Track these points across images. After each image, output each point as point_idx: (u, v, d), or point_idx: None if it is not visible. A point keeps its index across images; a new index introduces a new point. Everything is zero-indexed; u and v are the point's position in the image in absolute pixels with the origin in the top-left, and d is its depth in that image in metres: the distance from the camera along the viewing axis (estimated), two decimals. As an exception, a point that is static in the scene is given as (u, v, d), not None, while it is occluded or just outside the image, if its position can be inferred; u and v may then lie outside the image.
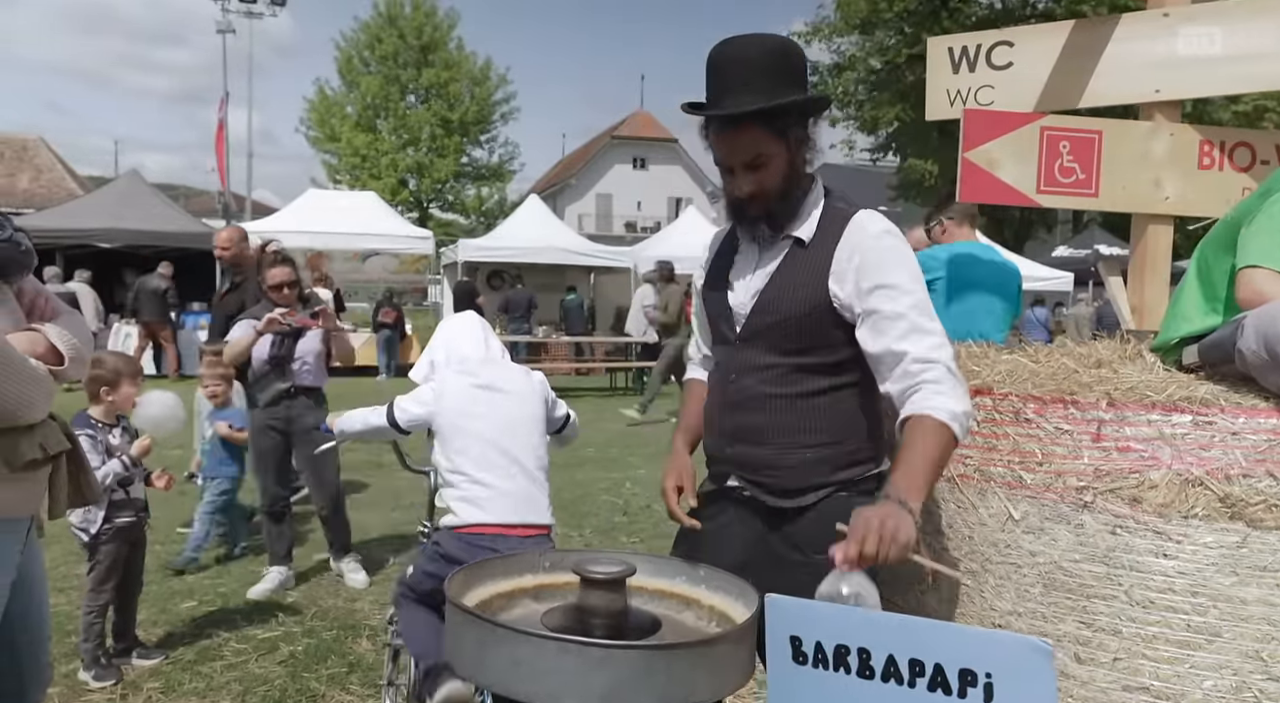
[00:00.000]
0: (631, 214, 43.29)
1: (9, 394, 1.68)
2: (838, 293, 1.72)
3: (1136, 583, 1.69)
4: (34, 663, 2.02)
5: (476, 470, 2.42)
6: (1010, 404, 1.86)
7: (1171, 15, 2.29)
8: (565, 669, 1.45)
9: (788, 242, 1.79)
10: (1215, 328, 1.92)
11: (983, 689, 1.01)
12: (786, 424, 1.79)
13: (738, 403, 1.83)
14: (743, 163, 1.70)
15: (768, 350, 1.79)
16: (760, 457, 1.82)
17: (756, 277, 1.81)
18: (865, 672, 1.09)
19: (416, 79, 30.47)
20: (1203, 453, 1.67)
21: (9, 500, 1.79)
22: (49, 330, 1.85)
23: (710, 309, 1.92)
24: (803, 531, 1.79)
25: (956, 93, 2.47)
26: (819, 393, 1.79)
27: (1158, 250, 2.35)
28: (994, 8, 28.39)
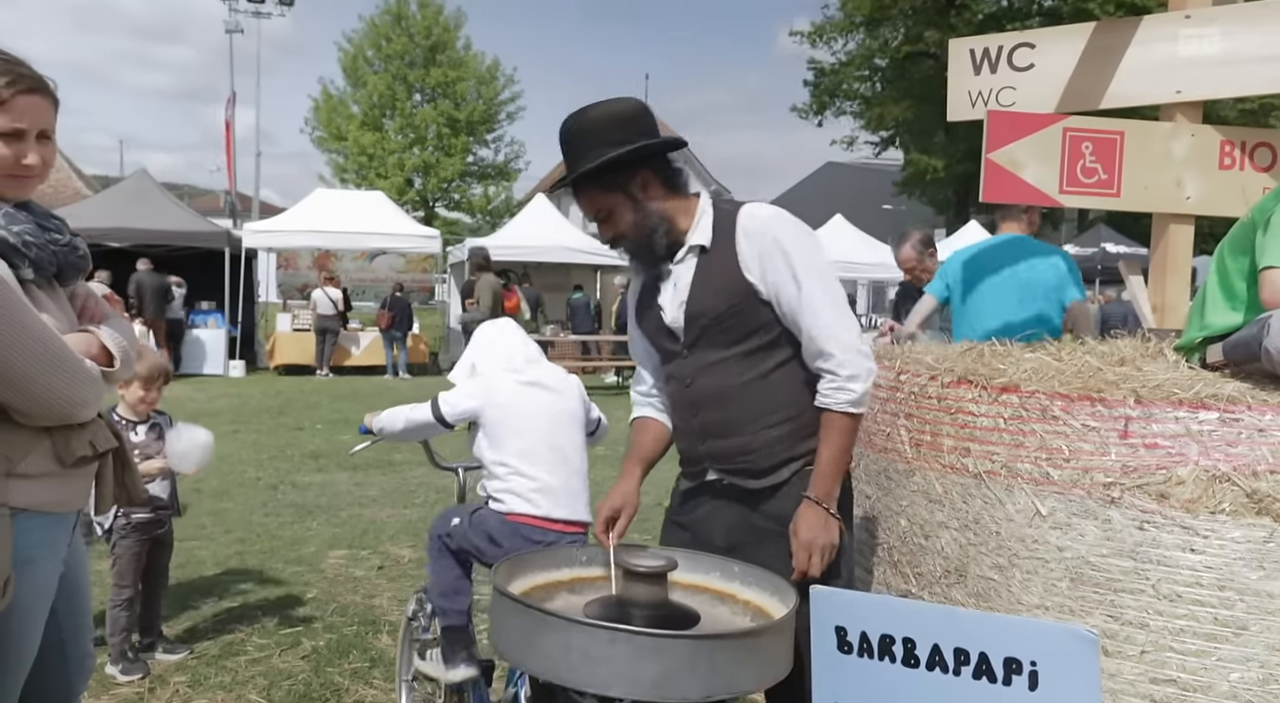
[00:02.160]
0: (636, 213, 43.26)
1: (66, 393, 1.71)
2: (753, 280, 1.90)
3: (1164, 577, 1.72)
4: (79, 653, 2.06)
5: (525, 464, 2.48)
6: (1037, 402, 1.89)
7: (1194, 17, 2.31)
8: (616, 658, 1.49)
9: (692, 252, 1.97)
10: (1237, 327, 1.94)
11: (1027, 678, 1.04)
12: (748, 409, 1.93)
13: (698, 402, 1.97)
14: (593, 217, 1.97)
15: (712, 348, 1.94)
16: (732, 445, 1.95)
17: (678, 290, 1.97)
18: (910, 661, 1.12)
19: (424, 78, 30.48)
20: (1230, 449, 1.70)
21: (60, 496, 1.83)
22: (102, 332, 1.89)
23: (649, 333, 2.08)
24: (780, 505, 1.92)
25: (978, 94, 2.50)
26: (768, 372, 1.94)
27: (1179, 250, 2.38)
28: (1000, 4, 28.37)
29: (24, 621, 1.78)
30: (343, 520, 6.00)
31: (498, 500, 2.50)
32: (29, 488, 1.74)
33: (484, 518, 2.51)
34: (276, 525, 5.82)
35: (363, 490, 6.94)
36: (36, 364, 1.67)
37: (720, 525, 1.98)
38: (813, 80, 29.85)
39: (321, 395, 12.81)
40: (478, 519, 2.53)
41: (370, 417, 2.77)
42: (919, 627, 1.12)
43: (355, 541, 5.49)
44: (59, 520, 1.87)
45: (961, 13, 27.53)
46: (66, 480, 1.84)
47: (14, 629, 1.75)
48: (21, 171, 1.73)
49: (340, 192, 22.70)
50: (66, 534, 1.91)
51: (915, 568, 2.10)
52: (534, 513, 2.46)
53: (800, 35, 29.65)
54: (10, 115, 1.69)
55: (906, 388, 2.22)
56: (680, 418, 2.05)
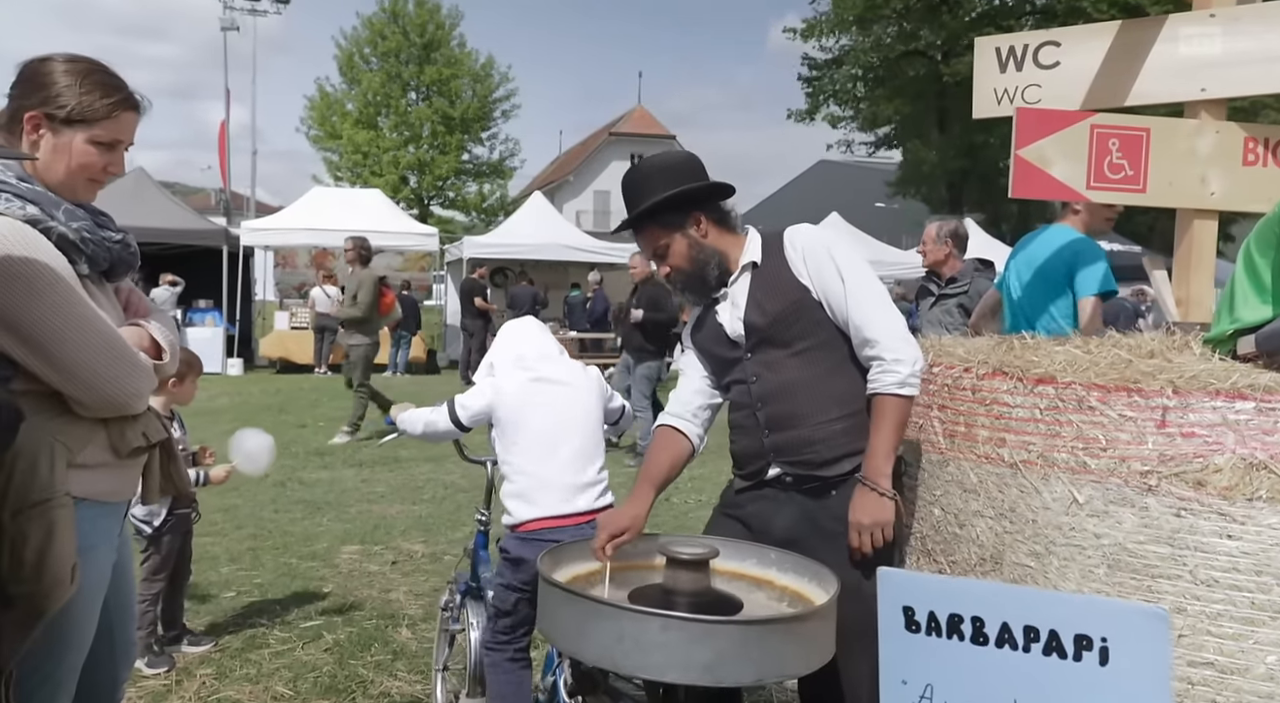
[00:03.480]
0: (629, 211, 43.31)
1: (124, 384, 1.74)
2: (806, 282, 2.07)
3: (1201, 563, 1.76)
4: (125, 641, 2.09)
5: (528, 462, 2.48)
6: (1074, 392, 1.93)
7: (1218, 16, 2.36)
8: (669, 644, 1.53)
9: (745, 270, 2.15)
10: (1268, 320, 1.99)
11: (1098, 653, 1.08)
12: (810, 403, 2.04)
13: (763, 396, 2.08)
14: (652, 255, 2.16)
15: (773, 347, 2.08)
16: (796, 438, 2.05)
17: (736, 305, 2.14)
18: (979, 639, 1.16)
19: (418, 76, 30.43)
20: (1266, 438, 1.74)
21: (115, 486, 1.86)
22: (151, 326, 1.92)
23: (707, 345, 2.22)
24: (843, 505, 2.00)
25: (1004, 92, 2.54)
26: (828, 371, 2.07)
27: (1204, 245, 2.43)
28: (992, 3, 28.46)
29: (84, 608, 1.81)
30: (353, 516, 6.02)
31: (508, 512, 2.51)
32: (88, 478, 1.77)
33: (504, 551, 2.51)
34: (287, 521, 5.84)
35: (370, 487, 6.96)
36: (97, 356, 1.71)
37: (781, 520, 2.05)
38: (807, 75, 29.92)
39: (321, 393, 12.82)
40: (501, 565, 2.53)
41: (397, 410, 2.80)
42: (988, 605, 1.15)
43: (367, 536, 5.52)
44: (114, 510, 1.90)
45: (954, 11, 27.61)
46: (121, 471, 1.88)
47: (75, 617, 1.78)
48: (102, 177, 1.82)
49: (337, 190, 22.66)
50: (119, 523, 1.95)
51: (950, 556, 2.14)
52: (541, 515, 2.45)
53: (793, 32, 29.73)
54: (112, 128, 1.79)
55: (939, 380, 2.25)
56: (743, 416, 2.14)
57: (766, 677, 1.59)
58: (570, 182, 43.34)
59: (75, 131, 1.77)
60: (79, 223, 1.78)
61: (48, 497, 1.67)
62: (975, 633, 1.16)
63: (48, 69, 1.77)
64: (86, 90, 1.76)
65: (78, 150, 1.77)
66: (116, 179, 1.97)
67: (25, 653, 1.65)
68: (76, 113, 1.75)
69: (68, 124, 1.76)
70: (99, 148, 1.79)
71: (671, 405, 2.28)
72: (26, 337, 1.62)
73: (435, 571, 4.85)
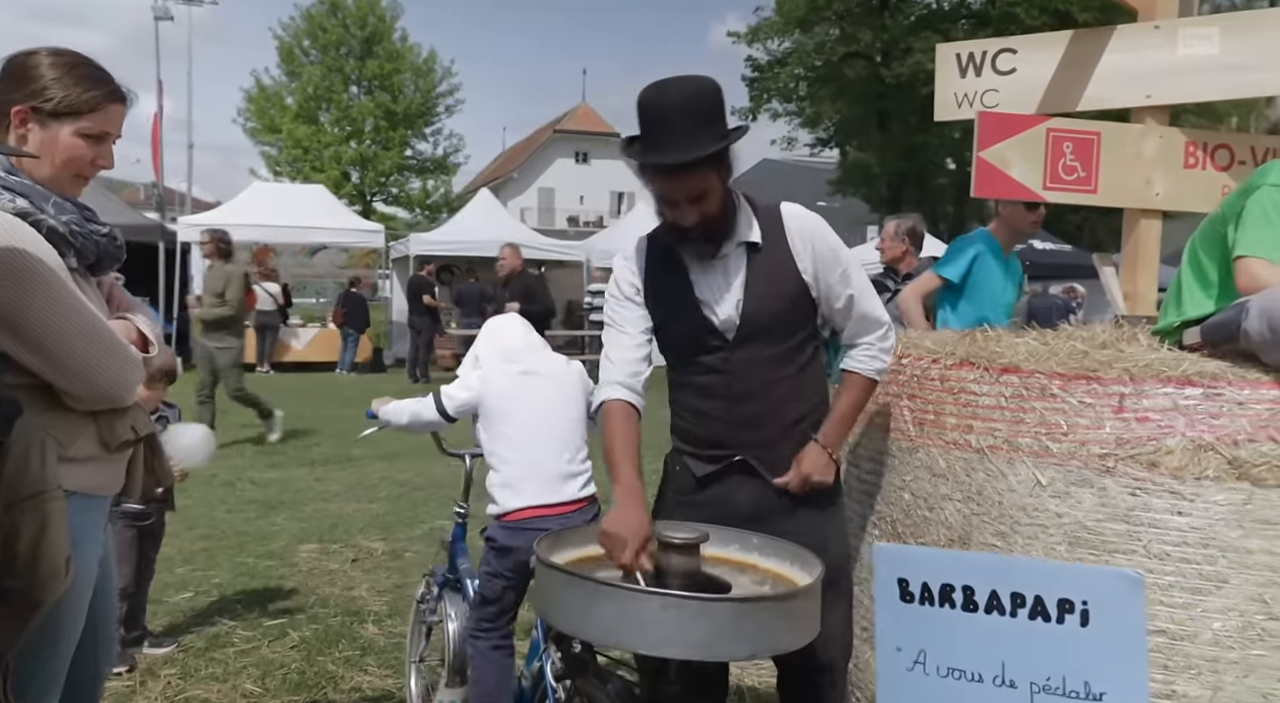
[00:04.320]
0: (574, 208, 43.23)
1: (116, 377, 1.74)
2: (807, 279, 2.04)
3: (1154, 538, 1.89)
4: (107, 636, 2.08)
5: (513, 453, 2.52)
6: (1037, 381, 2.05)
7: (1162, 27, 2.51)
8: (668, 621, 1.60)
9: (741, 248, 2.03)
10: (1211, 313, 2.14)
11: (1079, 615, 1.18)
12: (785, 402, 2.07)
13: (743, 395, 2.05)
14: (685, 198, 1.91)
15: (764, 345, 2.04)
16: (765, 437, 2.07)
17: (731, 289, 2.02)
18: (970, 606, 1.25)
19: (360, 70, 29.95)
20: (1213, 421, 1.88)
21: (103, 479, 1.85)
22: (138, 320, 1.92)
23: (684, 327, 2.07)
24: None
25: (964, 96, 2.66)
26: (799, 369, 2.10)
27: (1149, 243, 2.58)
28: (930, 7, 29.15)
29: (73, 602, 1.80)
30: (308, 515, 5.96)
31: (494, 502, 2.55)
32: (78, 471, 1.77)
33: (490, 539, 2.54)
34: (241, 521, 5.76)
35: (324, 485, 6.89)
36: (90, 349, 1.71)
37: (744, 499, 2.07)
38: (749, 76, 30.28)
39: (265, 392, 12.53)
40: (486, 552, 2.56)
41: (378, 403, 2.81)
42: (978, 575, 1.24)
43: (325, 534, 5.47)
44: (101, 503, 1.90)
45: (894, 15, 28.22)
46: (109, 464, 1.87)
47: (66, 611, 1.78)
48: (90, 171, 1.81)
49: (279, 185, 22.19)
50: (105, 517, 1.94)
51: (920, 539, 2.25)
52: (526, 504, 2.49)
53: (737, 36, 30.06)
54: (100, 120, 1.78)
55: (909, 371, 2.36)
56: (715, 407, 2.07)
57: (760, 652, 1.67)
58: (515, 179, 43.11)
59: (63, 125, 1.76)
60: (68, 216, 1.78)
61: (40, 490, 1.66)
62: (966, 601, 1.25)
63: (33, 63, 1.76)
64: (73, 83, 1.76)
65: (66, 143, 1.77)
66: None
67: (22, 647, 1.65)
68: (64, 106, 1.75)
69: (55, 117, 1.75)
70: (87, 140, 1.79)
71: (615, 374, 2.08)
72: (20, 330, 1.61)
73: (397, 567, 4.84)
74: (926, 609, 1.29)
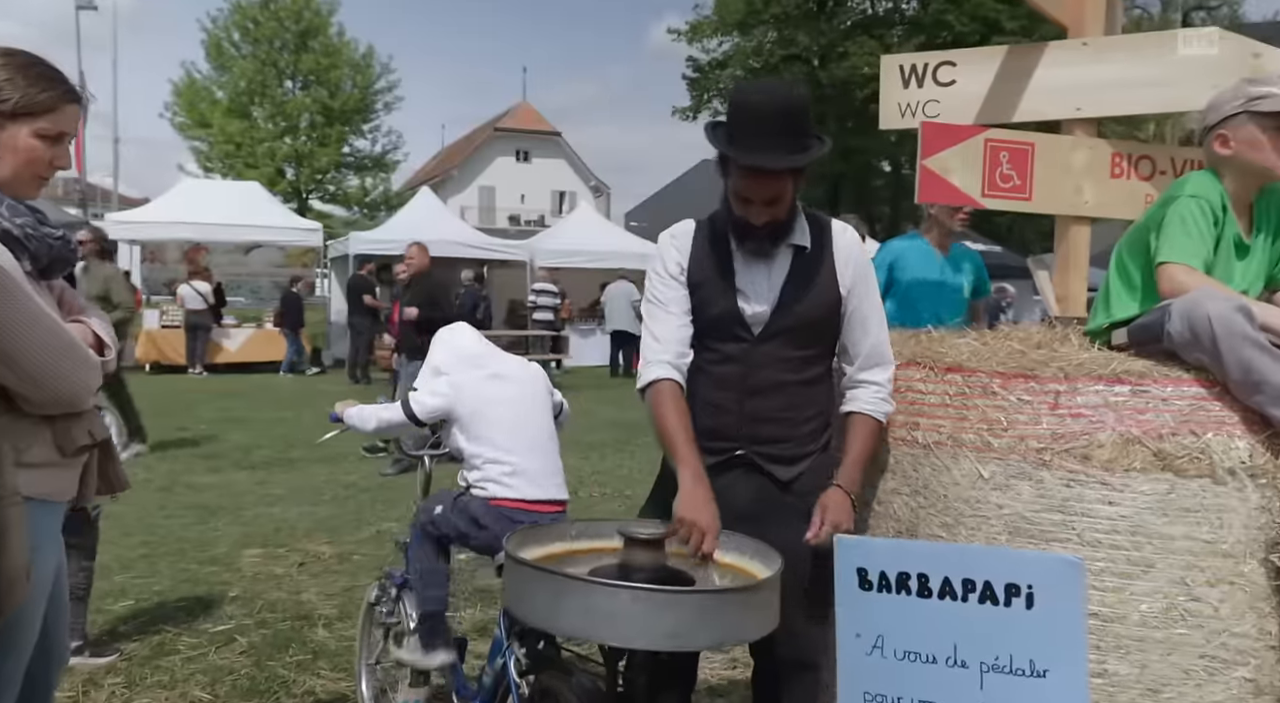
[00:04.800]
0: (515, 207, 43.01)
1: (77, 380, 1.73)
2: (844, 294, 2.10)
3: (1087, 527, 2.01)
4: (59, 644, 2.06)
5: (500, 453, 2.59)
6: (979, 380, 2.16)
7: (1089, 44, 2.66)
8: (636, 614, 1.66)
9: (788, 250, 2.09)
10: (1137, 315, 2.27)
11: (1025, 598, 1.27)
12: (796, 405, 2.12)
13: (755, 390, 2.10)
14: (764, 200, 1.99)
15: (786, 346, 2.09)
16: (774, 433, 2.12)
17: (770, 286, 2.09)
18: (924, 592, 1.33)
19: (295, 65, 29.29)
20: (1139, 416, 2.01)
21: (59, 485, 1.84)
22: (93, 322, 1.90)
23: (716, 312, 2.11)
24: (801, 483, 2.13)
25: (907, 106, 2.78)
26: (819, 377, 2.16)
27: (1079, 248, 2.73)
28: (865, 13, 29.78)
29: (30, 609, 1.78)
30: (250, 520, 5.86)
31: (480, 488, 2.60)
32: (35, 477, 1.75)
33: (467, 503, 2.61)
34: (180, 527, 5.64)
35: (266, 489, 6.78)
36: (49, 352, 1.69)
37: (744, 496, 2.09)
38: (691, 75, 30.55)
39: (200, 394, 12.27)
40: (460, 505, 2.62)
41: (341, 406, 2.81)
42: (932, 563, 1.33)
43: (269, 539, 5.39)
44: (57, 510, 1.88)
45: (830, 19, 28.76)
46: (65, 470, 1.86)
47: (22, 618, 1.76)
48: (47, 172, 1.79)
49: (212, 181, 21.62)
50: (60, 523, 1.92)
51: (870, 532, 2.34)
52: (514, 497, 2.57)
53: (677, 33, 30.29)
54: (57, 120, 1.77)
55: (857, 370, 2.45)
56: (726, 398, 2.11)
57: (725, 641, 1.74)
58: (454, 176, 42.68)
59: (20, 126, 1.74)
60: (23, 219, 1.76)
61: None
62: (920, 587, 1.33)
63: None
64: (28, 83, 1.74)
65: (24, 145, 1.75)
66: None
67: (-19, 655, 1.63)
68: (21, 107, 1.73)
69: (12, 118, 1.73)
70: (44, 141, 1.77)
71: (662, 353, 2.11)
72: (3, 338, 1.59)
73: (345, 571, 4.80)
74: (884, 596, 1.37)
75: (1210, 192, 2.21)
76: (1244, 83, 2.24)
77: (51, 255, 1.83)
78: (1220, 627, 1.96)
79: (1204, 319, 1.94)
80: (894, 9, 29.36)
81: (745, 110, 1.96)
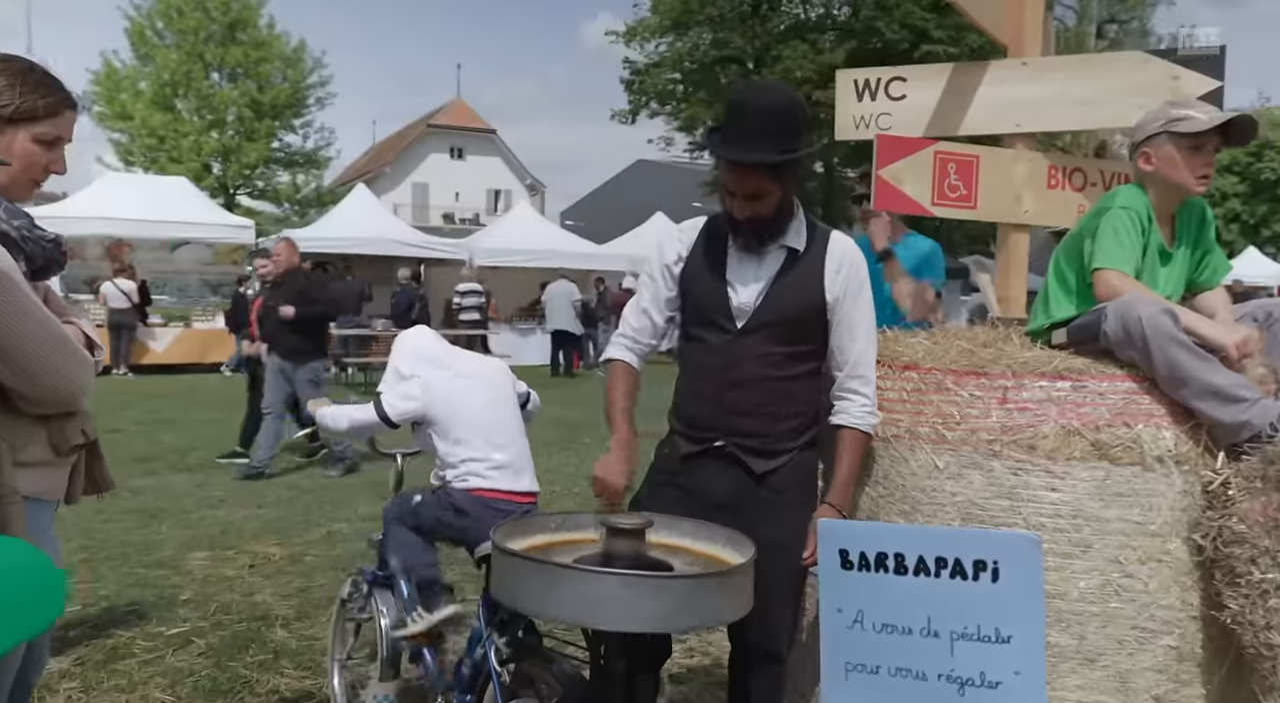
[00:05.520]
0: (449, 205, 42.54)
1: (73, 376, 1.75)
2: (829, 299, 2.17)
3: (1032, 511, 2.18)
4: (39, 645, 2.07)
5: (476, 450, 2.67)
6: (934, 377, 2.32)
7: (1029, 64, 2.86)
8: (623, 599, 1.76)
9: (782, 250, 2.19)
10: (1073, 317, 2.46)
11: (991, 573, 1.41)
12: (776, 400, 2.20)
13: (736, 382, 2.19)
14: (744, 194, 2.08)
15: (767, 341, 2.17)
16: (752, 425, 2.20)
17: (759, 281, 2.18)
18: (900, 570, 1.47)
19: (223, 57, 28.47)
20: (1079, 410, 2.19)
21: (52, 483, 1.86)
22: (83, 323, 1.92)
23: (705, 301, 2.22)
24: (777, 481, 2.22)
25: (861, 118, 2.94)
26: (802, 376, 2.23)
27: (1019, 253, 2.93)
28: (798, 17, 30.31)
29: None
30: (195, 522, 5.78)
31: (461, 481, 2.67)
32: (31, 476, 1.77)
33: (448, 493, 2.68)
34: (121, 531, 5.52)
35: (207, 492, 6.66)
36: (51, 352, 1.72)
37: (722, 487, 2.19)
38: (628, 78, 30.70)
39: (128, 395, 11.90)
40: (441, 495, 2.69)
41: (314, 405, 2.84)
42: (906, 544, 1.46)
43: (215, 541, 5.33)
44: (49, 509, 1.90)
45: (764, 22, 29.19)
46: (58, 469, 1.88)
47: None
48: (42, 177, 1.82)
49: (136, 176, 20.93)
50: (53, 522, 1.93)
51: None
52: (494, 487, 2.66)
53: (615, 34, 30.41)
54: (56, 125, 1.81)
55: (818, 368, 2.59)
56: (708, 387, 2.20)
57: (706, 623, 1.85)
58: (387, 173, 41.99)
59: (18, 130, 1.76)
60: (19, 221, 1.78)
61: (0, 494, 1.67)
62: (897, 566, 1.47)
63: None
64: (29, 88, 1.77)
65: (22, 149, 1.77)
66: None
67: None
68: (21, 111, 1.75)
69: (11, 123, 1.75)
70: (41, 146, 1.80)
71: (624, 337, 2.28)
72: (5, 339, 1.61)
73: (298, 571, 4.78)
74: (864, 575, 1.50)
75: (1138, 204, 2.41)
76: (1166, 105, 2.44)
77: (45, 257, 1.84)
78: (1149, 600, 2.16)
79: (1136, 321, 2.13)
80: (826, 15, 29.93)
81: (733, 107, 2.08)
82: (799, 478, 2.26)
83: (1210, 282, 2.52)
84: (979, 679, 1.41)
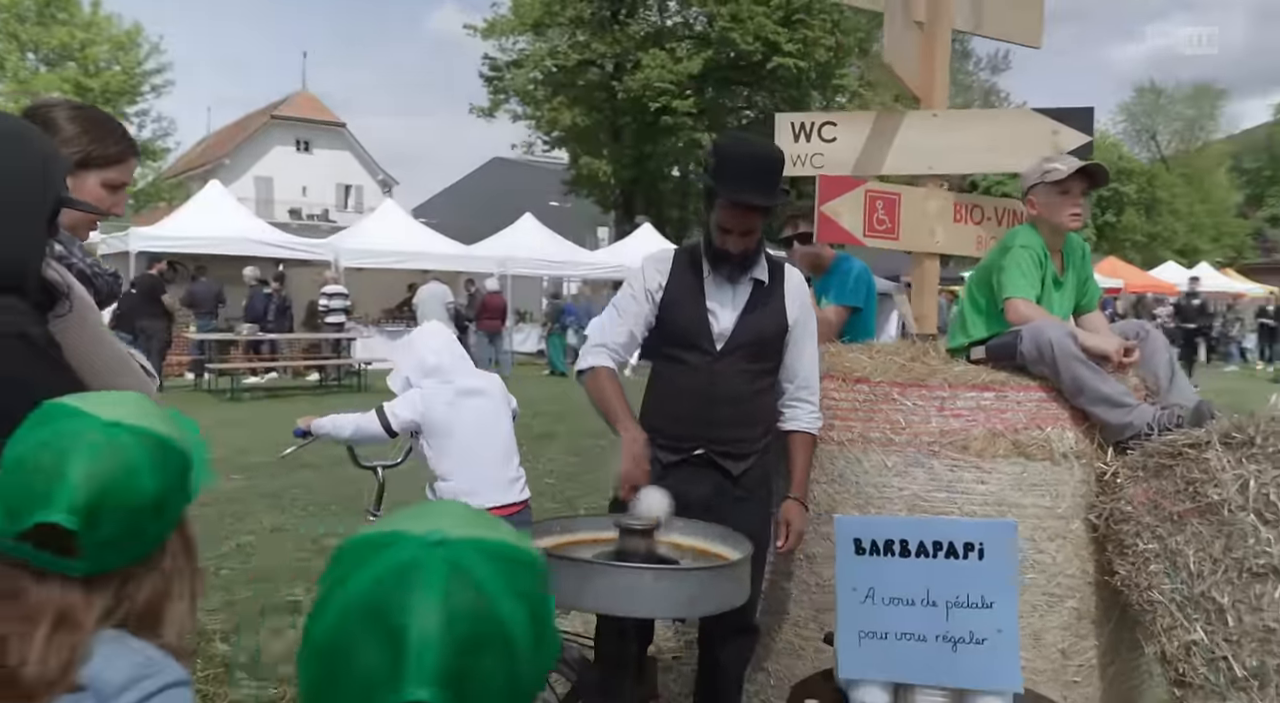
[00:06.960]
0: (296, 200, 40.75)
1: None
2: (790, 323, 2.55)
3: (966, 501, 2.61)
4: None
5: (461, 466, 2.82)
6: (882, 389, 2.71)
7: (939, 116, 3.33)
8: (654, 589, 2.03)
9: (750, 282, 2.55)
10: (986, 336, 2.92)
11: (978, 552, 1.78)
12: (749, 412, 2.56)
13: (718, 399, 2.52)
14: (741, 231, 2.44)
15: (742, 360, 2.53)
16: (728, 435, 2.54)
17: (735, 308, 2.53)
18: (905, 553, 1.81)
19: (42, 38, 26.21)
20: (1002, 415, 2.64)
21: None
22: (136, 352, 2.01)
23: (688, 327, 2.54)
24: (748, 478, 2.58)
25: (798, 157, 3.31)
26: (765, 389, 2.61)
27: (931, 277, 3.40)
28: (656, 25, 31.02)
29: None
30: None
31: (451, 495, 2.83)
32: None
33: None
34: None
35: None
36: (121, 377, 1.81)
37: (700, 490, 2.49)
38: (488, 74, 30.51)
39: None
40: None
41: (307, 420, 2.93)
42: (911, 532, 1.81)
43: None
44: None
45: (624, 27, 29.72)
46: None
47: None
48: (103, 219, 1.89)
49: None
50: None
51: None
52: (485, 504, 2.81)
53: (474, 29, 30.12)
54: (122, 171, 1.91)
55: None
56: (691, 405, 2.51)
57: (721, 607, 2.14)
58: (227, 165, 39.74)
59: (89, 174, 1.84)
60: (90, 259, 1.86)
61: None
62: (902, 550, 1.81)
63: (55, 116, 1.83)
64: (101, 136, 1.85)
65: (93, 194, 1.85)
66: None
67: None
68: (93, 158, 1.83)
69: (83, 167, 1.83)
70: (107, 190, 1.88)
71: (604, 347, 2.55)
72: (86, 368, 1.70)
73: (219, 585, 4.70)
74: (874, 558, 1.84)
75: (1034, 242, 2.89)
76: (1042, 160, 2.94)
77: (107, 290, 1.93)
78: (1056, 570, 2.63)
79: (1047, 344, 2.59)
80: (683, 23, 30.79)
81: (733, 157, 2.43)
82: (761, 476, 2.62)
83: (1090, 305, 3.05)
84: (969, 638, 1.78)
